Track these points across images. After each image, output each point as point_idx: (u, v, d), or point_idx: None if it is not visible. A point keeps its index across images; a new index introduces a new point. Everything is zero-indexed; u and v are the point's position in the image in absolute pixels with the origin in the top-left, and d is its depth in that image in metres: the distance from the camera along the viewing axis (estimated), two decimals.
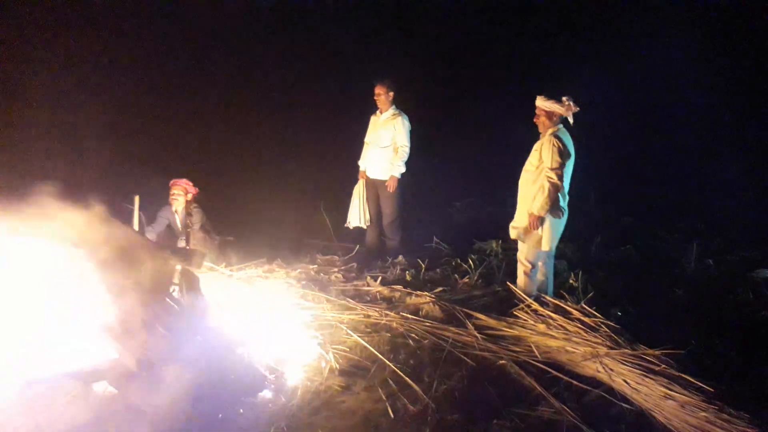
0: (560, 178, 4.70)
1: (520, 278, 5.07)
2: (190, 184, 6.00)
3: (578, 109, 4.77)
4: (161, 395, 3.26)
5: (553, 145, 4.72)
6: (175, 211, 5.97)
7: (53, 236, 3.81)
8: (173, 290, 4.00)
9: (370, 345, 4.18)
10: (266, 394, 3.58)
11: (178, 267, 3.99)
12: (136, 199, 5.07)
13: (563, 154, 4.71)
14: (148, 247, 4.06)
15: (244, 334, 4.02)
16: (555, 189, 4.69)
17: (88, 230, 4.05)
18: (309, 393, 3.63)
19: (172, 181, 5.98)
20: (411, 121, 6.35)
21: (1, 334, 3.94)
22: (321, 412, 3.46)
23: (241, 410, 3.42)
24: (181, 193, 5.93)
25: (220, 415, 3.35)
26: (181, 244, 5.92)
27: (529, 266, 4.99)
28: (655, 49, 9.69)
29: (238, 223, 6.75)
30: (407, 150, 6.30)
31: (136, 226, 4.74)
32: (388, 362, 3.96)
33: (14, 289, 3.98)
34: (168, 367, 3.50)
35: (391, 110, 6.31)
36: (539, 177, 4.81)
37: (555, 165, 4.69)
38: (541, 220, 4.79)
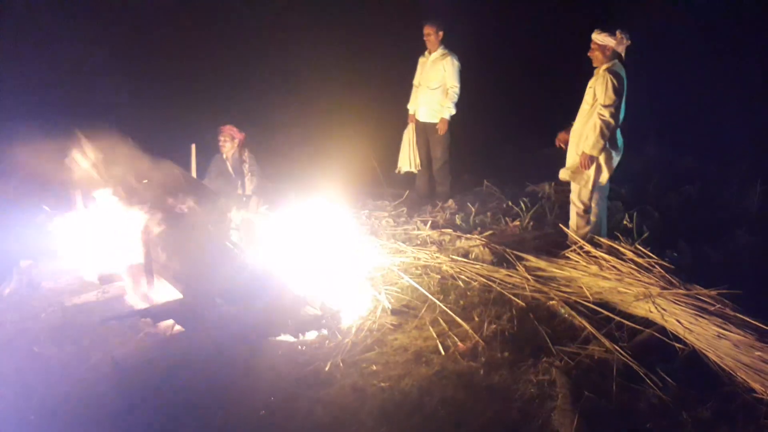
0: (613, 115, 4.55)
1: (573, 220, 5.03)
2: (235, 129, 6.00)
3: (630, 42, 4.58)
4: (224, 333, 3.47)
5: (607, 81, 4.56)
6: (226, 158, 6.05)
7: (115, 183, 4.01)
8: (233, 234, 4.18)
9: (421, 286, 4.27)
10: (322, 332, 3.75)
11: (237, 212, 4.15)
12: (193, 147, 5.25)
13: (617, 90, 4.55)
14: (205, 193, 4.23)
15: (300, 276, 4.18)
16: (607, 127, 4.55)
17: (148, 177, 4.26)
18: (362, 331, 3.77)
19: (219, 129, 6.02)
20: (461, 61, 6.23)
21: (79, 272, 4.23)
22: (374, 348, 3.60)
23: (301, 347, 3.60)
24: (227, 139, 5.96)
25: (280, 352, 3.54)
26: (238, 191, 6.10)
27: (582, 207, 4.93)
28: None
29: (287, 171, 6.85)
30: (457, 91, 6.19)
31: (193, 173, 4.92)
32: (438, 302, 4.06)
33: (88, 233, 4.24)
34: (230, 306, 3.71)
35: (440, 50, 6.20)
36: (593, 115, 4.69)
37: (608, 102, 4.55)
38: (592, 160, 4.69)
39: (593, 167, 4.73)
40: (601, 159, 4.71)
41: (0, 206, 4.35)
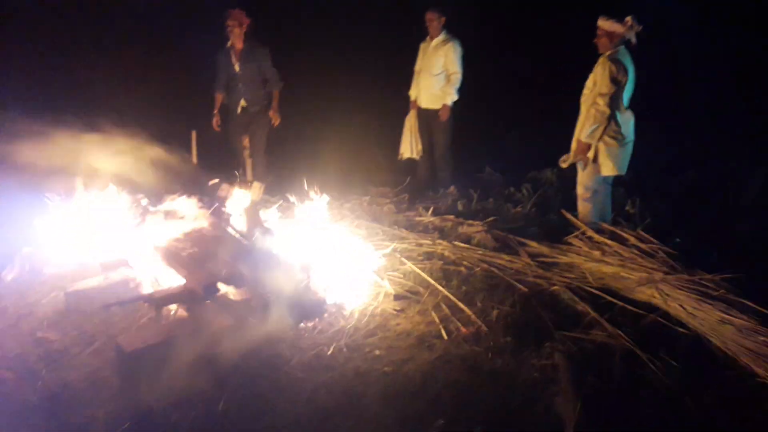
0: (609, 104, 4.53)
1: (580, 209, 5.02)
2: (243, 13, 5.81)
3: (641, 28, 4.54)
4: (226, 318, 3.46)
5: (607, 69, 4.53)
6: (231, 45, 5.89)
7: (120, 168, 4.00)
8: (236, 219, 4.17)
9: (423, 272, 4.27)
10: (325, 317, 3.75)
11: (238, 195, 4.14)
12: (194, 134, 5.23)
13: (616, 79, 4.52)
14: (206, 177, 4.22)
15: (302, 261, 4.17)
16: (602, 115, 4.54)
17: (152, 164, 4.25)
18: (365, 316, 3.77)
19: (226, 13, 5.79)
20: (463, 47, 6.18)
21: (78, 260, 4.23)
22: (377, 333, 3.60)
23: (304, 333, 3.60)
24: (236, 24, 5.79)
25: (283, 336, 3.54)
26: (240, 89, 5.97)
27: (587, 193, 4.92)
28: None
29: (289, 157, 6.83)
30: (459, 77, 6.15)
31: (194, 159, 4.90)
32: (440, 288, 4.05)
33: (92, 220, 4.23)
34: (232, 291, 3.71)
35: (442, 36, 6.15)
36: (592, 101, 4.67)
37: (604, 90, 4.53)
38: (588, 147, 4.69)
39: (592, 154, 4.72)
40: (601, 147, 4.69)
41: (2, 193, 4.33)
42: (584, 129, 4.67)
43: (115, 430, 2.81)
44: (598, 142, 4.67)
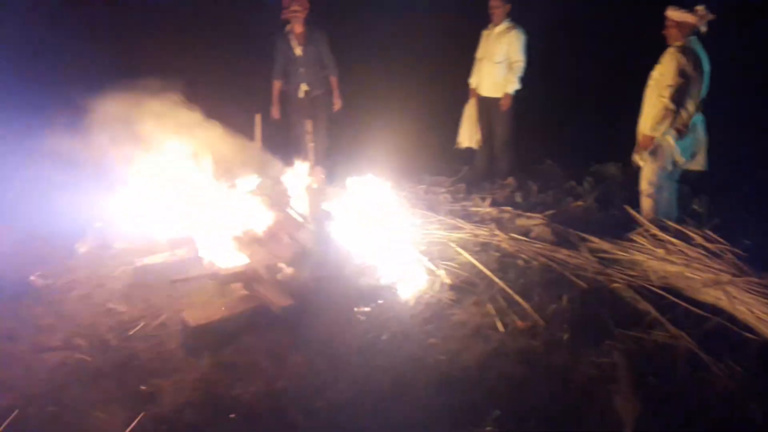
0: (675, 98, 4.37)
1: (642, 201, 4.88)
2: None
3: (713, 16, 4.36)
4: (288, 298, 3.55)
5: (675, 59, 4.37)
6: (290, 30, 5.92)
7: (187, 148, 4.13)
8: (298, 202, 4.26)
9: (479, 263, 4.24)
10: (381, 303, 3.79)
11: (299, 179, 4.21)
12: (258, 117, 5.33)
13: (684, 71, 4.35)
14: (270, 162, 4.32)
15: (361, 246, 4.22)
16: (668, 108, 4.39)
17: (215, 145, 4.37)
18: (421, 305, 3.79)
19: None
20: (527, 34, 6.06)
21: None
22: (432, 322, 3.62)
23: (360, 317, 3.65)
24: (300, 8, 5.82)
25: (339, 320, 3.61)
26: (300, 73, 6.01)
27: (651, 189, 4.77)
28: None
29: (344, 144, 6.87)
30: (522, 65, 6.03)
31: (258, 142, 5.01)
32: (497, 280, 4.02)
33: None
34: (292, 273, 3.80)
35: (506, 23, 6.04)
36: (658, 94, 4.52)
37: (671, 82, 4.37)
38: (651, 140, 4.54)
39: (657, 149, 4.58)
40: (667, 141, 4.55)
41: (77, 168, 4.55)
42: (648, 122, 4.53)
43: (178, 401, 2.93)
44: (664, 135, 4.52)
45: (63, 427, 2.79)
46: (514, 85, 6.07)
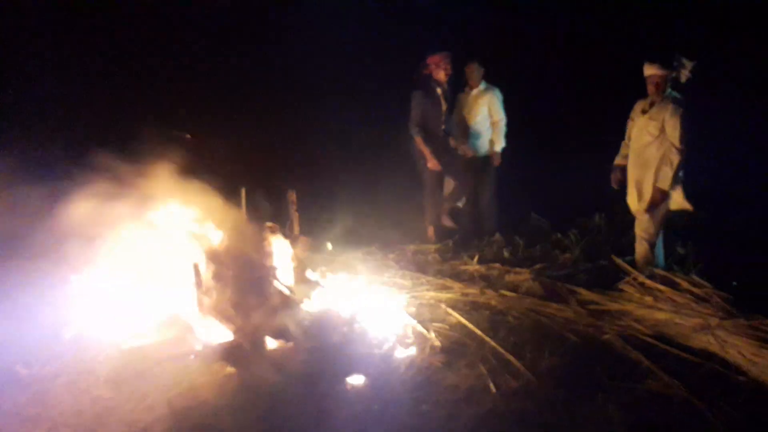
0: (683, 151, 4.55)
1: (641, 252, 4.92)
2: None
3: (693, 63, 4.53)
4: (275, 373, 3.51)
5: (680, 116, 4.50)
6: (438, 79, 6.05)
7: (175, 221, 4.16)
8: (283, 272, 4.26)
9: (470, 323, 4.22)
10: (371, 370, 3.74)
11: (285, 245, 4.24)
12: (243, 191, 5.38)
13: (687, 125, 4.50)
14: (258, 233, 4.35)
15: (348, 313, 4.20)
16: (680, 163, 4.57)
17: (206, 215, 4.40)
18: (412, 369, 3.74)
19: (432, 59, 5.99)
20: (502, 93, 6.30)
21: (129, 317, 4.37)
22: (424, 387, 3.56)
23: (349, 386, 3.59)
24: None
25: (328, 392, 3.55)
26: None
27: (652, 240, 4.83)
28: None
29: (335, 211, 6.92)
30: (504, 123, 6.25)
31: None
32: (488, 339, 3.99)
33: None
34: (280, 346, 3.76)
35: (482, 85, 6.26)
36: (662, 148, 4.61)
37: (678, 141, 4.51)
38: (666, 195, 4.66)
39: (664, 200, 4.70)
40: (677, 192, 4.72)
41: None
42: (665, 178, 4.63)
43: None
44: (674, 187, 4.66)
45: None
46: (500, 143, 6.24)
